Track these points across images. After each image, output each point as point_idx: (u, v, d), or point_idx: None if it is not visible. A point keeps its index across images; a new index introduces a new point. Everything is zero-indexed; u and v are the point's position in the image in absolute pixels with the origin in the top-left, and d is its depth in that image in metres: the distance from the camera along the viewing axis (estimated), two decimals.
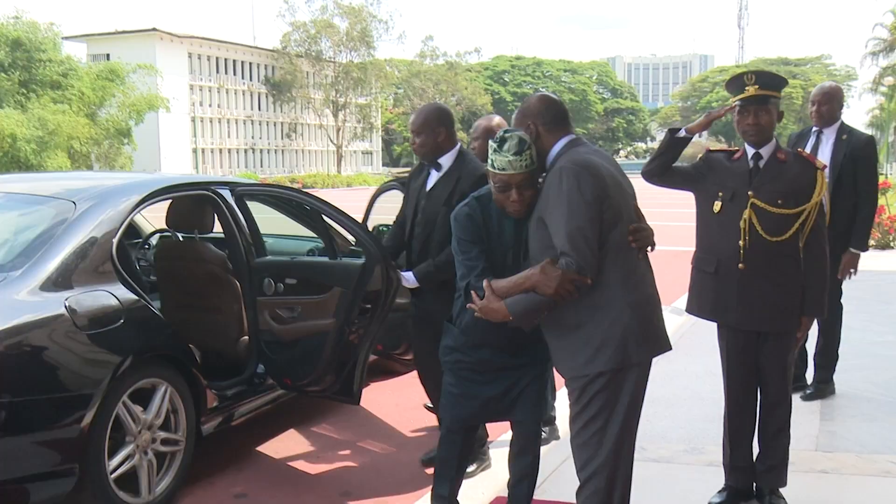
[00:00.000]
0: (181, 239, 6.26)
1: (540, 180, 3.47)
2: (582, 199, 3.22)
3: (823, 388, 6.54)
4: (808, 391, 6.50)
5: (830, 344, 6.57)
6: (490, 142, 3.52)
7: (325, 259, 5.50)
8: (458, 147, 5.06)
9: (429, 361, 5.22)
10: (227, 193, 5.84)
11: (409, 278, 4.97)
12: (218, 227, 5.91)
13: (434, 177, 5.07)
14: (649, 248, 3.50)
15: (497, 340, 3.78)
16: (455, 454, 4.06)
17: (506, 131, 3.49)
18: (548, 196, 3.32)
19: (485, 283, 3.41)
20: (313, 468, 5.50)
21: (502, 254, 3.63)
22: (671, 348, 3.52)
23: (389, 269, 4.97)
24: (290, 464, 5.59)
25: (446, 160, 5.01)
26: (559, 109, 3.54)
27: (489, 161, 3.50)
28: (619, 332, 3.30)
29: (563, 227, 3.21)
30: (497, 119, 5.90)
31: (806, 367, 6.70)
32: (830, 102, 6.29)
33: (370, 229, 5.79)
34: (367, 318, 5.14)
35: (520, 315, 3.33)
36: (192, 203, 5.85)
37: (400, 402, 6.60)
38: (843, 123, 6.35)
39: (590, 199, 3.23)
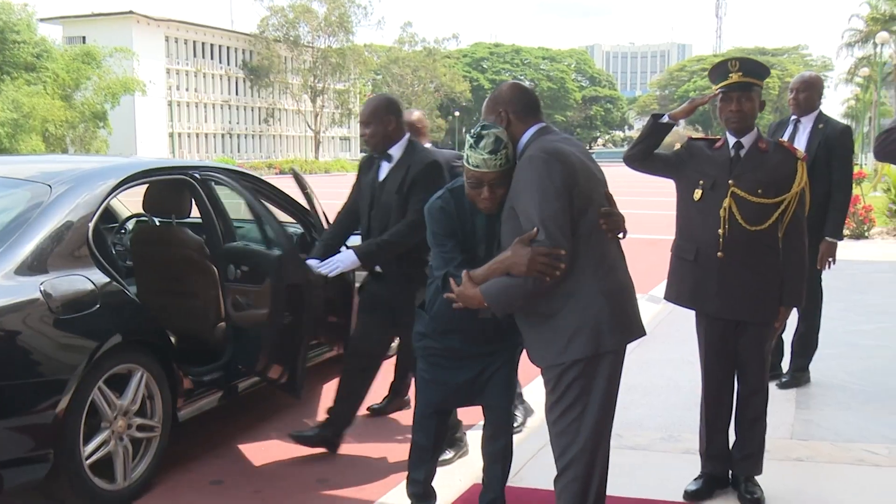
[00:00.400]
0: (158, 223, 6.21)
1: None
2: (552, 187, 3.20)
3: (799, 376, 6.58)
4: (784, 380, 6.53)
5: (810, 331, 6.60)
6: (467, 136, 3.51)
7: (263, 248, 5.50)
8: (406, 137, 5.11)
9: (373, 347, 5.31)
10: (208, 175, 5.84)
11: (345, 259, 5.02)
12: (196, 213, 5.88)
13: (385, 168, 5.12)
14: (620, 235, 3.48)
15: (467, 328, 3.79)
16: (430, 438, 4.07)
17: (483, 127, 3.45)
18: (518, 185, 3.30)
19: (464, 273, 3.40)
20: (290, 455, 5.47)
21: (474, 247, 3.62)
22: (645, 334, 3.52)
23: (292, 264, 5.07)
24: (267, 451, 5.56)
25: (396, 150, 5.08)
26: (530, 98, 3.53)
27: (464, 156, 3.47)
28: (592, 319, 3.29)
29: (536, 216, 3.19)
30: (417, 114, 6.04)
31: (782, 356, 6.74)
32: (809, 91, 6.31)
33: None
34: (295, 311, 5.23)
35: (494, 299, 3.30)
36: (169, 187, 5.80)
37: (374, 390, 6.58)
38: (820, 113, 6.36)
39: (560, 187, 3.21)
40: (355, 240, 5.30)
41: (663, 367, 7.08)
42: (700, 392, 4.62)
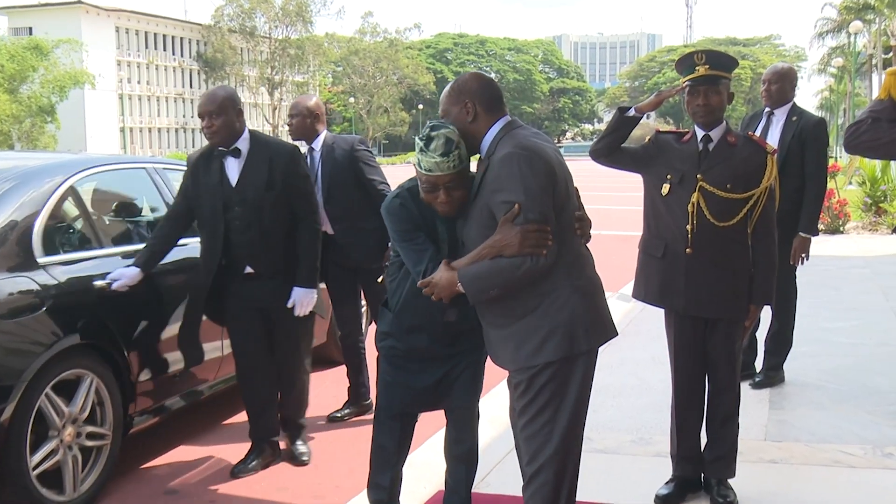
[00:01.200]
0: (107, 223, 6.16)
1: (482, 168, 3.39)
2: (535, 182, 3.20)
3: (773, 375, 6.63)
4: (758, 379, 6.58)
5: (784, 329, 6.64)
6: (416, 139, 3.49)
7: None
8: (247, 130, 5.18)
9: (253, 360, 5.34)
10: (153, 173, 5.85)
11: (129, 273, 5.03)
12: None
13: (234, 165, 5.14)
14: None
15: (432, 326, 3.75)
16: (393, 441, 3.95)
17: (432, 129, 3.42)
18: (496, 182, 3.26)
19: (443, 261, 3.39)
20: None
21: (436, 245, 3.57)
22: (617, 334, 3.54)
23: None
24: (223, 458, 5.54)
25: (243, 145, 5.14)
26: (496, 90, 3.50)
27: (416, 160, 3.44)
28: (566, 319, 3.29)
29: (523, 216, 3.17)
30: (315, 99, 6.15)
31: (755, 354, 6.79)
32: (781, 82, 6.36)
33: None
34: None
35: (470, 283, 3.26)
36: (120, 184, 5.79)
37: (338, 394, 6.57)
38: (794, 105, 6.41)
39: (544, 185, 3.22)
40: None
41: (634, 367, 7.11)
42: (671, 393, 4.65)
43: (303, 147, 5.90)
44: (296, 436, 5.56)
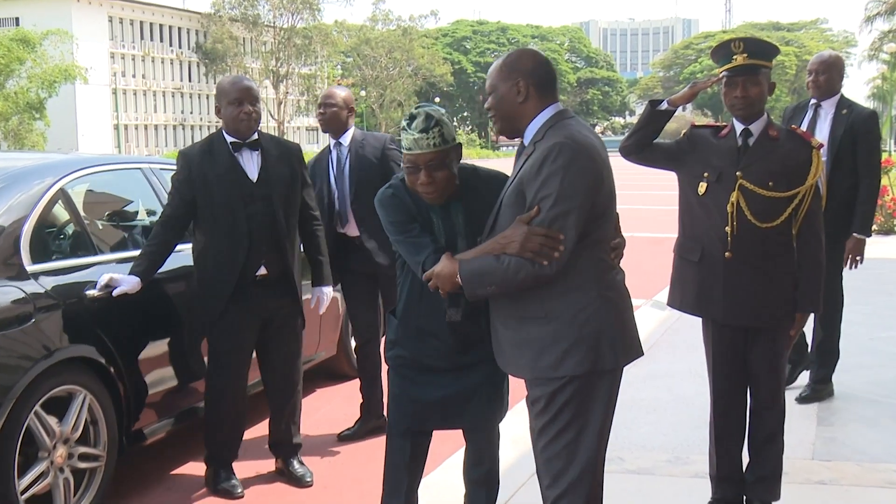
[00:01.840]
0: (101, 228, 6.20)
1: (526, 154, 3.37)
2: (577, 184, 3.19)
3: (821, 389, 6.61)
4: (804, 393, 6.56)
5: (830, 339, 6.62)
6: (402, 121, 3.56)
7: None
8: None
9: (239, 377, 5.37)
10: (149, 174, 5.89)
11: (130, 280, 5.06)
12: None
13: (251, 158, 5.27)
14: None
15: (437, 330, 3.71)
16: (402, 461, 3.92)
17: (417, 107, 3.53)
18: (533, 169, 3.25)
19: (446, 253, 3.40)
20: (251, 485, 5.47)
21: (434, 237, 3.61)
22: (643, 354, 3.53)
23: None
24: None
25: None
26: (551, 71, 3.49)
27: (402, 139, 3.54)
28: (592, 331, 3.28)
29: (548, 208, 3.18)
30: (348, 90, 6.32)
31: (805, 366, 6.76)
32: (829, 72, 6.36)
33: None
34: None
35: (468, 277, 3.28)
36: (114, 186, 5.83)
37: (350, 412, 6.58)
38: (843, 96, 6.42)
39: (585, 187, 3.20)
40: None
41: (670, 380, 7.10)
42: (710, 408, 4.64)
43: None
44: (292, 456, 5.59)
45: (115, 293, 4.94)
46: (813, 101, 6.46)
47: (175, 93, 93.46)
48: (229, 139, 5.19)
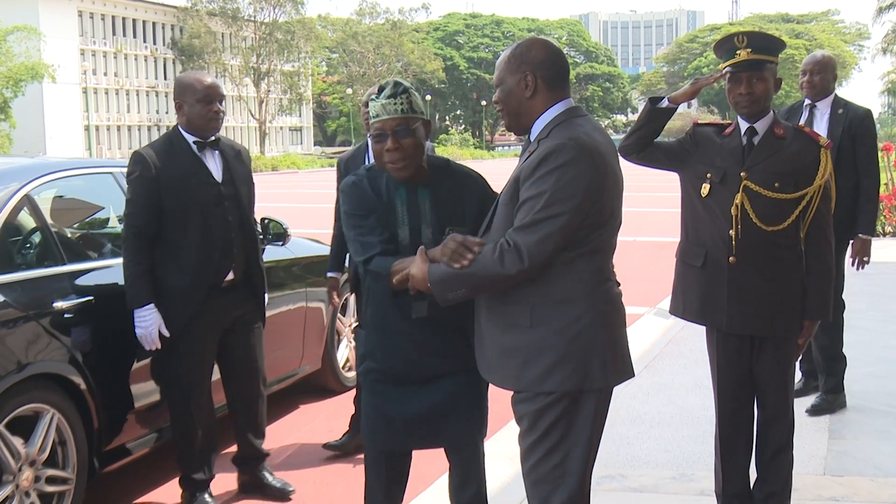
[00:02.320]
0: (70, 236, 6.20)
1: (529, 152, 3.37)
2: (572, 187, 3.18)
3: (832, 399, 6.63)
4: (814, 403, 6.58)
5: (834, 344, 6.67)
6: (370, 95, 3.69)
7: None
8: None
9: (204, 390, 5.39)
10: (120, 178, 5.85)
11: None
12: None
13: (213, 157, 5.34)
14: None
15: (406, 334, 3.70)
16: (380, 484, 3.92)
17: (384, 81, 3.65)
18: (532, 169, 3.24)
19: (420, 248, 3.43)
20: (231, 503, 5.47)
21: (394, 230, 3.65)
22: (634, 376, 3.53)
23: None
24: None
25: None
26: (563, 64, 3.48)
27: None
28: (582, 346, 3.28)
29: (535, 208, 3.18)
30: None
31: (816, 376, 6.78)
32: (824, 72, 6.60)
33: None
34: None
35: (436, 281, 3.31)
36: (84, 191, 5.83)
37: (336, 428, 6.59)
38: (836, 96, 6.66)
39: (581, 192, 3.19)
40: None
41: (673, 393, 7.11)
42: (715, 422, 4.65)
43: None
44: (262, 468, 5.62)
45: (153, 349, 5.09)
46: (807, 101, 6.68)
47: (149, 92, 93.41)
48: (191, 138, 5.20)
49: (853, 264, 6.42)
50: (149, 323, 5.01)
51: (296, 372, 6.98)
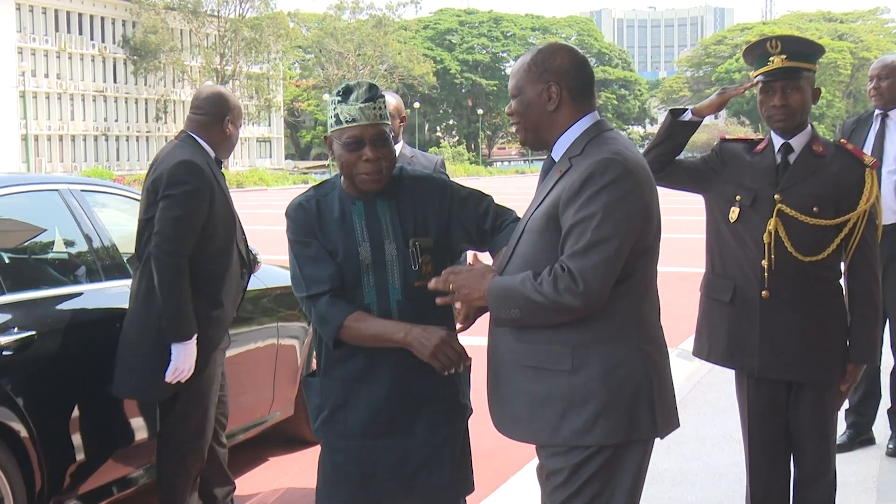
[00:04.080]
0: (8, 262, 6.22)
1: (559, 171, 3.39)
2: (626, 207, 3.20)
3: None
4: (891, 445, 6.58)
5: (872, 387, 6.74)
6: (329, 98, 3.73)
7: None
8: None
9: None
10: (68, 197, 5.92)
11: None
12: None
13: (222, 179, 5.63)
14: None
15: (374, 376, 3.70)
16: None
17: (348, 82, 3.72)
18: (577, 190, 3.22)
19: (471, 254, 3.57)
20: None
21: (354, 249, 3.69)
22: (679, 425, 3.54)
23: None
24: None
25: None
26: (590, 74, 3.51)
27: (331, 119, 3.68)
28: (630, 391, 3.29)
29: (588, 233, 3.17)
30: (399, 97, 6.32)
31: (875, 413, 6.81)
32: (894, 76, 6.48)
33: None
34: None
35: (494, 295, 3.34)
36: (26, 211, 5.84)
37: (309, 483, 6.59)
38: None
39: (636, 213, 3.23)
40: None
41: (699, 446, 7.11)
42: (745, 479, 4.67)
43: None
44: None
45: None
46: (878, 111, 6.59)
47: (96, 96, 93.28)
48: (212, 155, 5.49)
49: None
50: (192, 354, 5.23)
51: (265, 419, 6.98)
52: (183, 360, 5.18)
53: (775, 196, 4.32)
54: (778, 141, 4.42)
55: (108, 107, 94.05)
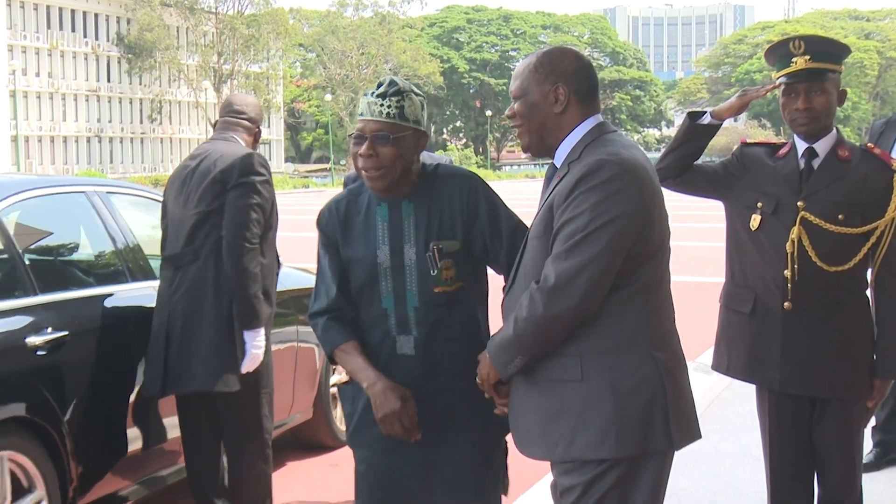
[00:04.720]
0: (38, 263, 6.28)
1: (558, 177, 3.40)
2: (618, 207, 3.21)
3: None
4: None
5: None
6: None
7: None
8: None
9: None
10: (95, 199, 6.03)
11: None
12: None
13: None
14: None
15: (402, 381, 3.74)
16: None
17: (385, 77, 3.75)
18: (568, 191, 3.26)
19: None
20: None
21: (373, 252, 3.74)
22: (701, 437, 3.53)
23: None
24: None
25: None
26: (594, 76, 3.54)
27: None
28: (643, 401, 3.28)
29: (575, 233, 3.20)
30: None
31: None
32: None
33: None
34: None
35: (494, 355, 3.41)
36: (54, 213, 5.94)
37: (328, 491, 6.60)
38: None
39: (627, 211, 3.22)
40: None
41: (718, 463, 7.09)
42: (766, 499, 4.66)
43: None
44: None
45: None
46: None
47: (89, 96, 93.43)
48: None
49: None
50: (263, 342, 5.44)
51: (285, 421, 6.99)
52: (259, 346, 5.38)
53: (798, 203, 4.31)
54: (801, 145, 4.41)
55: (101, 107, 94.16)
